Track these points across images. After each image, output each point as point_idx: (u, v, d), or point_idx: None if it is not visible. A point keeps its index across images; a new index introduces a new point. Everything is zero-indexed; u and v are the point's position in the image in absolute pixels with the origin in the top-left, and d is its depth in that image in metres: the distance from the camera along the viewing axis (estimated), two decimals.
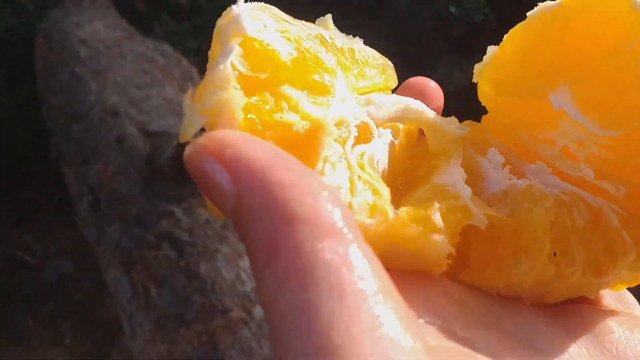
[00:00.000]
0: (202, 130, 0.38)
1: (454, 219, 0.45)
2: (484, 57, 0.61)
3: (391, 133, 0.53)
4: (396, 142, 0.53)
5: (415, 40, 4.64)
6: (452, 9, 4.25)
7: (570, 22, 0.55)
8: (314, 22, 0.57)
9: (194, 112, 0.37)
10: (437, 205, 0.44)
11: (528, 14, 0.57)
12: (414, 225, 0.42)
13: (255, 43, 0.41)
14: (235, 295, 1.70)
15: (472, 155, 0.56)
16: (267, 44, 0.42)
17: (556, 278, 0.47)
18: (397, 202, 0.48)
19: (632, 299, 0.55)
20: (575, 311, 0.49)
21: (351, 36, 0.59)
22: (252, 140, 0.35)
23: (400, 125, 0.58)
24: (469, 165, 0.55)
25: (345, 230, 0.32)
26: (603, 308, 0.51)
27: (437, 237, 0.43)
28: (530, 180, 0.53)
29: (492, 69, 0.60)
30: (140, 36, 2.97)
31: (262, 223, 0.32)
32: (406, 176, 0.54)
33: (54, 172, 2.61)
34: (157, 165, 1.93)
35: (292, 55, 0.43)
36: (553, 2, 0.56)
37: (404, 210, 0.43)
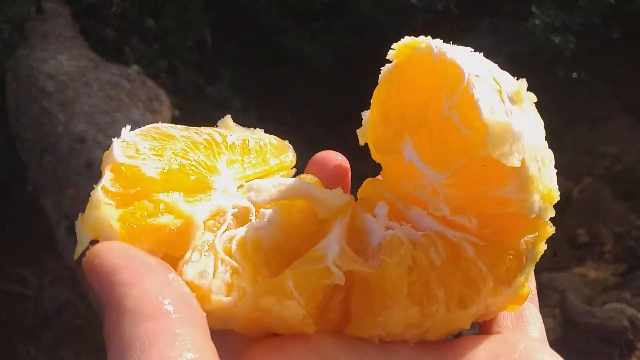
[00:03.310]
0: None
1: (308, 282, 0.50)
2: (362, 121, 0.67)
3: (276, 211, 0.57)
4: (281, 218, 0.58)
5: (380, 35, 4.72)
6: (413, 0, 4.33)
7: (402, 79, 0.61)
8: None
9: (81, 232, 0.47)
10: (292, 272, 0.51)
11: (380, 76, 0.63)
12: (268, 295, 0.49)
13: (123, 167, 0.51)
14: None
15: (360, 214, 0.62)
16: (133, 166, 0.52)
17: (423, 317, 0.51)
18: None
19: (532, 315, 0.59)
20: (455, 344, 0.53)
21: (252, 128, 0.68)
22: (116, 248, 0.44)
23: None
24: (356, 223, 0.61)
25: (173, 313, 0.39)
26: (483, 336, 0.55)
27: (289, 303, 0.49)
28: (405, 226, 0.58)
29: (370, 129, 0.66)
30: (105, 64, 3.07)
31: (105, 316, 0.40)
32: (308, 243, 0.59)
33: (38, 205, 2.70)
34: None
35: (162, 169, 0.53)
36: (390, 63, 0.61)
37: (261, 284, 0.50)
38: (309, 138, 4.52)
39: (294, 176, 0.65)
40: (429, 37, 0.57)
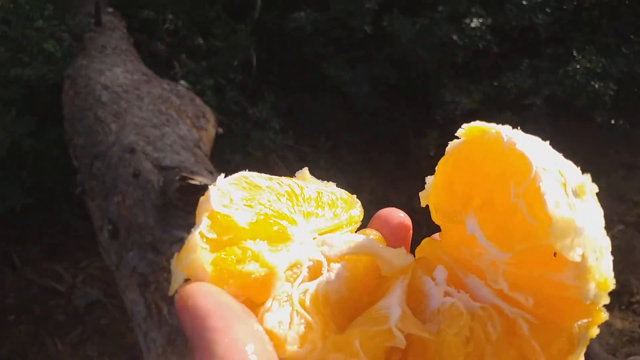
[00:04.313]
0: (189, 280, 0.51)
1: (373, 343, 0.54)
2: (426, 185, 0.71)
3: (344, 266, 0.62)
4: (348, 273, 0.61)
5: (420, 68, 4.82)
6: (455, 37, 4.42)
7: (469, 157, 0.65)
8: None
9: (176, 271, 0.51)
10: (358, 332, 0.55)
11: (447, 149, 0.67)
12: (337, 352, 0.52)
13: (218, 216, 0.55)
14: None
15: (419, 275, 0.64)
16: (227, 216, 0.55)
17: None
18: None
19: None
20: None
21: (325, 182, 0.74)
22: (208, 292, 0.48)
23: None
24: (416, 285, 0.64)
25: None
26: None
27: None
28: (463, 294, 0.60)
29: (433, 194, 0.71)
30: (157, 79, 3.23)
31: (195, 356, 0.44)
32: (369, 298, 0.62)
33: (81, 207, 2.85)
34: (169, 197, 2.14)
35: (251, 219, 0.57)
36: (459, 140, 0.66)
37: (330, 339, 0.54)
38: (342, 163, 4.62)
39: (359, 228, 0.71)
40: (500, 125, 0.61)
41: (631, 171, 4.97)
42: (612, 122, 4.69)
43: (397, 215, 0.72)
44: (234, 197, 0.58)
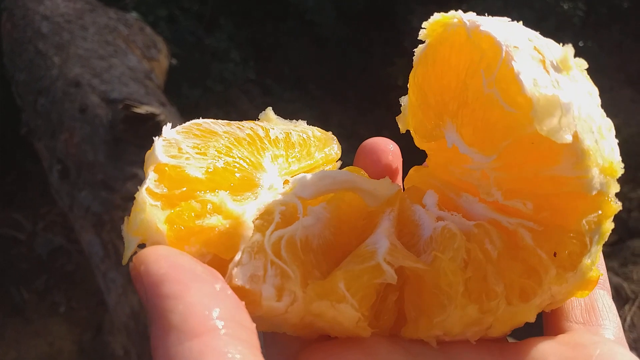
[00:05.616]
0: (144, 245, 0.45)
1: (360, 283, 0.48)
2: (402, 107, 0.63)
3: (324, 207, 0.55)
4: (329, 215, 0.54)
5: None
6: None
7: (436, 59, 0.56)
8: None
9: (128, 236, 0.45)
10: (342, 273, 0.48)
11: (414, 58, 0.58)
12: (320, 300, 0.46)
13: (166, 168, 0.49)
14: None
15: (409, 205, 0.58)
16: (177, 167, 0.49)
17: (483, 314, 0.48)
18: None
19: (605, 306, 0.55)
20: (521, 347, 0.50)
21: (294, 121, 0.65)
22: (162, 255, 0.42)
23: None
24: (406, 216, 0.57)
25: (220, 328, 0.38)
26: (551, 338, 0.51)
27: (343, 306, 0.46)
28: (455, 215, 0.54)
29: (410, 116, 0.62)
30: (102, 7, 2.98)
31: (152, 329, 0.39)
32: (358, 239, 0.55)
33: (34, 150, 2.68)
34: (118, 132, 2.00)
35: (207, 168, 0.51)
36: (423, 44, 0.57)
37: (311, 287, 0.47)
38: (308, 96, 4.47)
39: (340, 169, 0.62)
40: (460, 11, 0.52)
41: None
42: (581, 44, 4.63)
43: (384, 147, 0.64)
44: (184, 146, 0.51)
